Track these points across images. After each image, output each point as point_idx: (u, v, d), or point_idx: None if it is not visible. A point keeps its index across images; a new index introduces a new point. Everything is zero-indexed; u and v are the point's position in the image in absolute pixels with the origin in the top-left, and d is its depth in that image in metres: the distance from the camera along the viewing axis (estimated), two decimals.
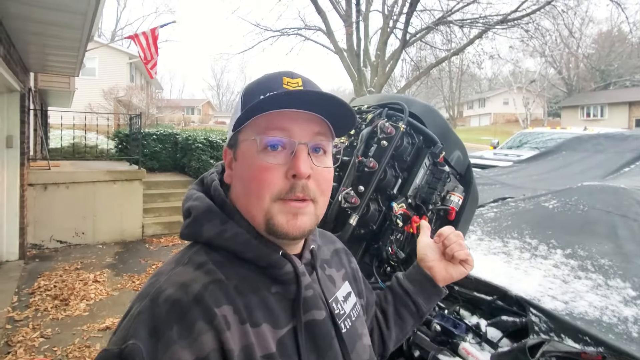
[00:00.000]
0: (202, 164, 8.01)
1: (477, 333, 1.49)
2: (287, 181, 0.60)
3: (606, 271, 1.65)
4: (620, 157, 3.03)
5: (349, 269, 0.84)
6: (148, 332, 0.51)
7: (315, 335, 0.63)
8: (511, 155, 6.48)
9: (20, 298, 4.04)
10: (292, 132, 0.61)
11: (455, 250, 0.89)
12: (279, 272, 0.62)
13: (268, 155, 0.61)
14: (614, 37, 31.53)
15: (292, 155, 0.61)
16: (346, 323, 0.71)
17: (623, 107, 28.06)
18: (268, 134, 0.61)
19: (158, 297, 0.54)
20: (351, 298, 0.77)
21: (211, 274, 0.58)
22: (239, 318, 0.56)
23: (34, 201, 5.60)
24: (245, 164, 0.63)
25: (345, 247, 0.90)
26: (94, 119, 7.26)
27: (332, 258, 0.81)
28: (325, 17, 12.36)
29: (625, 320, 1.39)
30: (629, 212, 1.89)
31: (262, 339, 0.57)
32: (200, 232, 0.63)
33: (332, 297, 0.72)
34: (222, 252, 0.62)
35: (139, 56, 7.34)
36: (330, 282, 0.74)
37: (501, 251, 1.82)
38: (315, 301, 0.65)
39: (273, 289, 0.62)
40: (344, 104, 0.62)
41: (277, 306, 0.61)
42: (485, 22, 11.07)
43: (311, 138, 0.62)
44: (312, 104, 0.61)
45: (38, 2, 3.18)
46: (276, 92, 0.59)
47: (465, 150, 1.53)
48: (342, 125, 0.67)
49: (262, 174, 0.60)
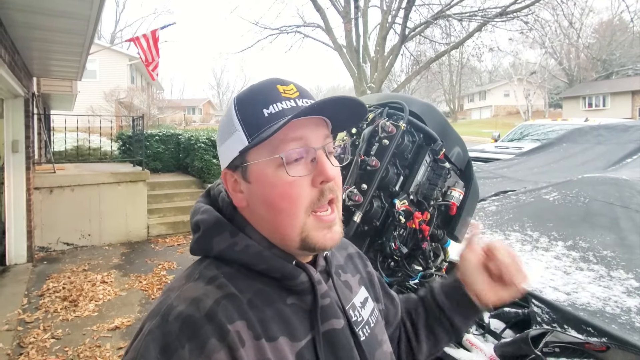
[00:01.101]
0: (205, 163, 8.05)
1: (481, 325, 1.52)
2: (316, 189, 0.59)
3: (608, 262, 1.66)
4: (621, 148, 3.02)
5: (364, 273, 0.81)
6: (159, 352, 0.49)
7: (335, 345, 0.61)
8: (512, 148, 6.42)
9: (30, 300, 4.10)
10: (308, 140, 0.59)
11: (513, 275, 0.76)
12: (293, 282, 0.60)
13: (291, 169, 0.58)
14: (615, 26, 31.19)
15: (313, 163, 0.59)
16: (365, 330, 0.68)
17: (626, 96, 27.78)
18: (287, 148, 0.58)
19: (169, 315, 0.52)
20: (369, 303, 0.74)
21: (223, 288, 0.56)
22: (253, 334, 0.54)
23: (40, 204, 5.65)
24: (266, 184, 0.59)
25: (360, 251, 0.86)
26: (97, 121, 7.31)
27: (346, 263, 0.78)
28: (324, 14, 12.34)
29: (628, 311, 1.41)
30: (631, 204, 1.90)
31: (280, 353, 0.55)
32: (210, 245, 0.61)
33: (349, 303, 0.69)
34: (234, 265, 0.60)
35: (140, 58, 7.37)
36: (346, 288, 0.71)
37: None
38: (333, 310, 0.63)
39: (289, 300, 0.60)
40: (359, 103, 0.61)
41: (294, 318, 0.59)
42: (484, 15, 11.01)
43: (323, 141, 0.61)
44: (322, 109, 0.59)
45: (43, 9, 3.21)
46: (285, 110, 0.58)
47: (465, 146, 1.56)
48: (347, 124, 0.66)
49: (290, 190, 0.58)
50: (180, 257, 5.64)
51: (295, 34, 13.22)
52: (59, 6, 3.15)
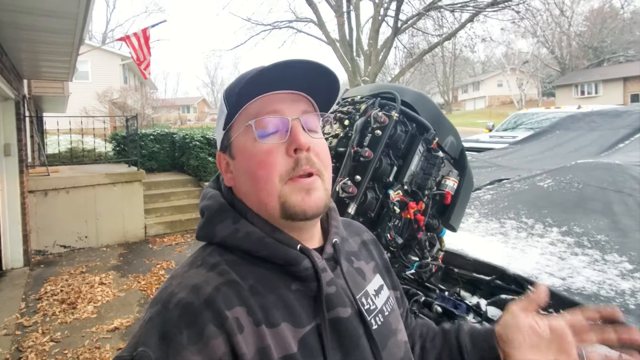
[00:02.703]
0: (201, 161, 8.02)
1: (478, 312, 1.53)
2: (290, 158, 0.60)
3: (603, 246, 1.67)
4: (614, 133, 3.04)
5: (379, 260, 0.79)
6: (158, 338, 0.50)
7: (340, 333, 0.59)
8: (506, 137, 6.47)
9: (28, 304, 4.08)
10: (283, 111, 0.61)
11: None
12: (296, 268, 0.60)
13: (266, 139, 0.60)
14: (605, 13, 31.24)
15: (288, 133, 0.60)
16: (377, 319, 0.66)
17: (617, 83, 27.92)
18: (261, 116, 0.60)
19: (169, 302, 0.53)
20: (384, 291, 0.72)
21: (224, 275, 0.57)
22: (253, 320, 0.54)
23: (35, 208, 5.62)
24: (245, 155, 0.62)
25: (375, 238, 0.84)
26: (90, 122, 7.25)
27: (360, 250, 0.76)
28: (316, 9, 12.28)
29: (622, 294, 1.42)
30: (624, 188, 1.92)
31: (281, 339, 0.54)
32: (214, 232, 0.62)
33: (362, 291, 0.67)
34: (237, 251, 0.61)
35: (131, 57, 7.31)
36: (359, 276, 0.70)
37: (498, 232, 1.85)
38: (339, 298, 0.62)
39: (293, 286, 0.60)
40: (326, 69, 0.62)
41: (297, 304, 0.58)
42: (476, 6, 11.01)
43: (300, 114, 0.62)
44: (294, 82, 0.61)
45: (28, 9, 3.16)
46: (254, 72, 0.59)
47: (458, 135, 1.55)
48: (327, 99, 0.66)
49: (266, 158, 0.59)
50: (179, 256, 5.63)
51: (288, 29, 13.17)
52: (45, 5, 3.10)
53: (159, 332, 0.51)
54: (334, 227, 0.70)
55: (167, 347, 0.49)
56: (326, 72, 0.63)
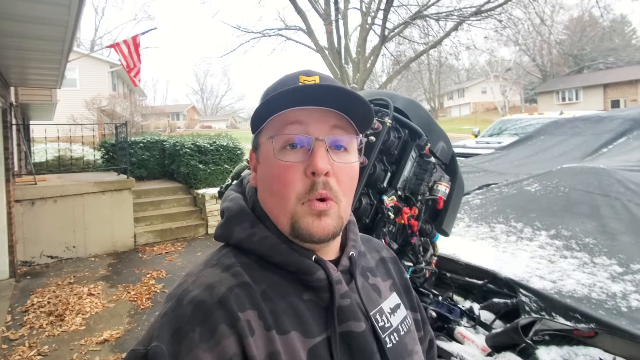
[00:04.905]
0: (191, 169, 7.96)
1: (471, 317, 1.54)
2: (307, 179, 0.58)
3: (591, 249, 1.71)
4: (597, 138, 3.11)
5: (398, 279, 0.77)
6: (171, 334, 0.51)
7: (352, 348, 0.58)
8: (492, 142, 6.61)
9: (14, 317, 3.97)
10: (308, 128, 0.59)
11: None
12: (310, 278, 0.59)
13: (286, 154, 0.59)
14: (585, 22, 32.18)
15: (309, 152, 0.59)
16: (392, 337, 0.64)
17: (598, 89, 28.63)
18: (284, 131, 0.59)
19: (184, 299, 0.54)
20: (400, 311, 0.70)
21: (238, 277, 0.57)
22: (264, 324, 0.54)
23: (21, 217, 5.50)
24: (266, 165, 0.62)
25: (395, 257, 0.82)
26: (78, 130, 7.16)
27: (377, 267, 0.75)
28: (304, 17, 12.37)
29: (614, 296, 1.45)
30: (611, 191, 1.96)
31: (291, 347, 0.54)
32: (231, 234, 0.63)
33: (376, 308, 0.66)
34: (252, 255, 0.61)
35: (121, 65, 7.25)
36: (374, 292, 0.68)
37: (489, 236, 1.88)
38: (353, 311, 0.60)
39: (305, 295, 0.59)
40: (357, 96, 0.60)
41: (308, 314, 0.58)
42: (460, 15, 11.24)
43: (328, 133, 0.60)
44: (327, 100, 0.59)
45: (16, 15, 3.12)
46: (288, 88, 0.58)
47: (449, 141, 1.58)
48: (362, 120, 0.63)
49: (283, 174, 0.59)
50: (169, 265, 5.56)
51: (277, 37, 13.21)
52: (34, 12, 3.06)
53: (172, 327, 0.52)
54: (351, 240, 0.69)
55: (180, 344, 0.50)
56: (361, 102, 0.60)
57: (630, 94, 26.58)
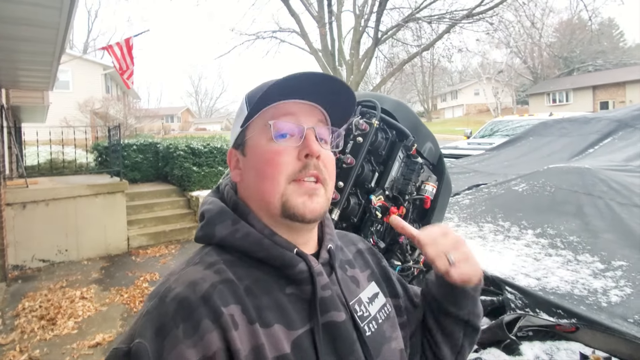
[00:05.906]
0: (185, 171, 7.94)
1: None
2: (299, 162, 0.63)
3: (575, 247, 1.75)
4: (584, 139, 3.18)
5: (376, 268, 0.80)
6: (154, 331, 0.51)
7: (335, 337, 0.61)
8: (484, 143, 6.70)
9: (5, 321, 3.94)
10: (299, 118, 0.65)
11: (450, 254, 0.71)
12: (292, 271, 0.61)
13: (279, 140, 0.63)
14: (574, 25, 32.64)
15: (302, 139, 0.64)
16: (371, 326, 0.68)
17: (587, 91, 29.10)
18: (279, 119, 0.64)
19: (166, 296, 0.55)
20: (378, 299, 0.73)
21: (221, 274, 0.58)
22: (247, 318, 0.55)
23: (12, 221, 5.45)
24: (257, 153, 0.65)
25: (372, 247, 0.85)
26: (71, 133, 7.12)
27: (355, 259, 0.78)
28: (298, 19, 12.42)
29: (595, 292, 1.49)
30: (594, 191, 2.01)
31: (275, 340, 0.55)
32: (213, 233, 0.64)
33: (355, 298, 0.69)
34: (235, 253, 0.62)
35: (114, 67, 7.24)
36: (352, 283, 0.71)
37: (477, 235, 1.92)
38: (333, 302, 0.63)
39: (287, 290, 0.61)
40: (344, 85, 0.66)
41: (291, 307, 0.60)
42: (452, 17, 11.37)
43: (315, 124, 0.66)
44: (312, 93, 0.65)
45: (7, 18, 3.11)
46: (279, 79, 0.62)
47: (436, 142, 1.61)
48: (342, 114, 0.70)
49: (276, 157, 0.62)
50: (163, 267, 5.54)
51: (271, 39, 13.25)
52: (24, 14, 3.06)
53: (155, 324, 0.52)
54: (328, 234, 0.72)
55: (163, 340, 0.51)
56: (343, 89, 0.67)
57: (619, 95, 27.01)
